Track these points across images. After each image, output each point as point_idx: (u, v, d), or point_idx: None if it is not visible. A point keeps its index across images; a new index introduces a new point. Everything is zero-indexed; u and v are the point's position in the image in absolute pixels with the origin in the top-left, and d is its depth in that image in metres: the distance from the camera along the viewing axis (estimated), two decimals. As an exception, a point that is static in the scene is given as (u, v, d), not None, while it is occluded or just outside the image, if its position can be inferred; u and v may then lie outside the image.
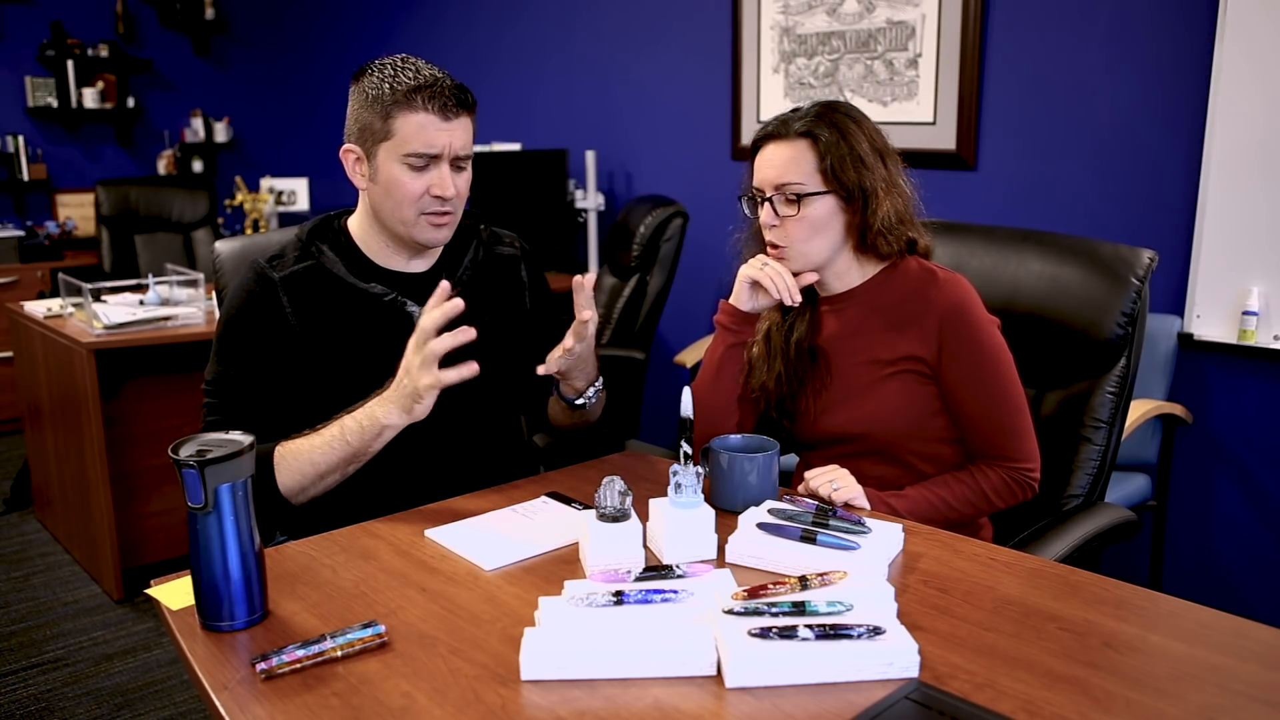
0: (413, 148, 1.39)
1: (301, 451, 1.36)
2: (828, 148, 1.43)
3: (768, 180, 1.47)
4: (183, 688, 2.44)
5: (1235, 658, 0.97)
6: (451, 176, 1.43)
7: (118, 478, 2.89)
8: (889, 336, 1.48)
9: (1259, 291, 2.44)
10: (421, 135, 1.39)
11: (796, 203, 1.45)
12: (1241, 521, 2.59)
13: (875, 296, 1.51)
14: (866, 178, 1.44)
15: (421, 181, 1.41)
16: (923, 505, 1.43)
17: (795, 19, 3.35)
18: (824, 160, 1.44)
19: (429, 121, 1.39)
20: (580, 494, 1.43)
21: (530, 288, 1.64)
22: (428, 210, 1.43)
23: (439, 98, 1.39)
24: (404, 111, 1.39)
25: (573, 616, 1.02)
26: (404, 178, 1.41)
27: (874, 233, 1.46)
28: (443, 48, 4.85)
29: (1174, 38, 2.53)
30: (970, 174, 2.97)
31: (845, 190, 1.45)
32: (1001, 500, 1.47)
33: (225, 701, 0.93)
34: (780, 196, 1.46)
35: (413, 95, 1.38)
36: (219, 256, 1.73)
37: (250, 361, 1.45)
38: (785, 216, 1.46)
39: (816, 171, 1.44)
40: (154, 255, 4.51)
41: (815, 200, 1.45)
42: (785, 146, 1.46)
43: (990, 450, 1.46)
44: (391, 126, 1.39)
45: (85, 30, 5.17)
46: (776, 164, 1.46)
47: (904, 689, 0.91)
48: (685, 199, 3.48)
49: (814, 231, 1.46)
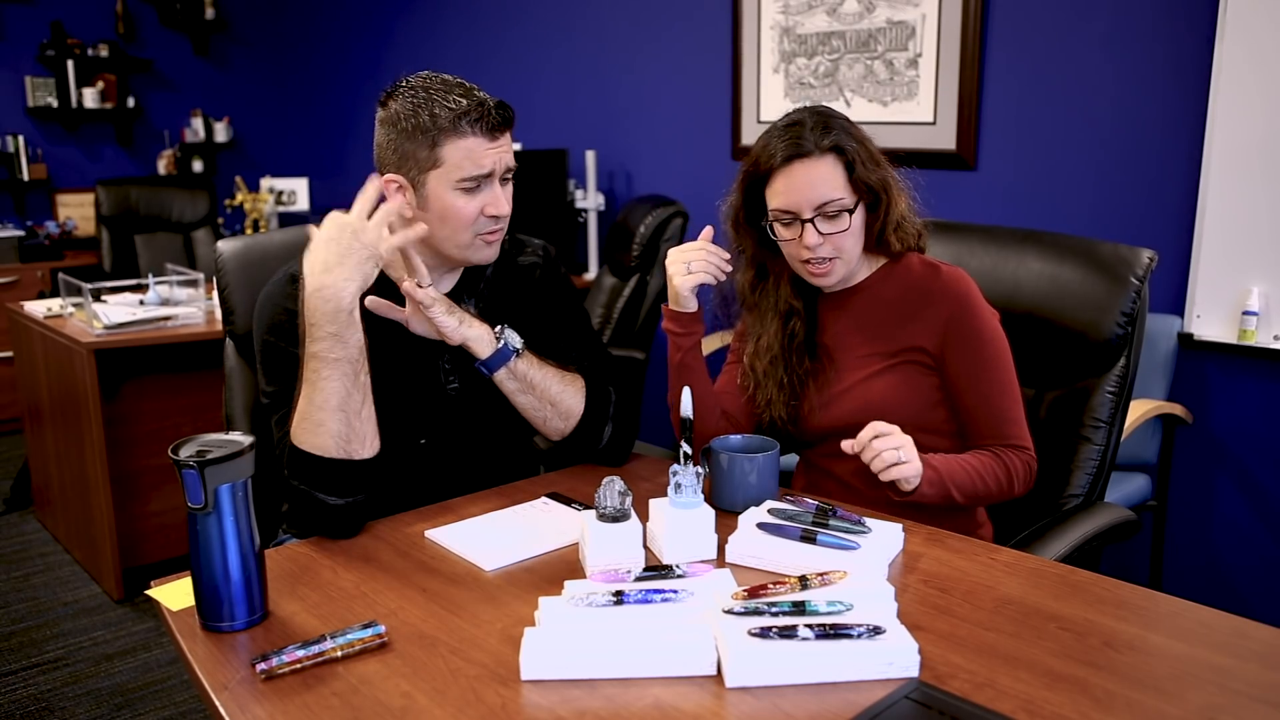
0: (466, 172, 1.37)
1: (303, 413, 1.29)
2: (854, 156, 1.43)
3: (806, 201, 1.43)
4: (183, 688, 2.44)
5: (1235, 658, 0.97)
6: (502, 193, 1.41)
7: (118, 478, 2.89)
8: (891, 330, 1.49)
9: (1259, 291, 2.44)
10: (472, 159, 1.37)
11: (841, 217, 1.44)
12: (1241, 521, 2.59)
13: (878, 291, 1.52)
14: (885, 178, 1.46)
15: (476, 203, 1.39)
16: (955, 466, 1.41)
17: (795, 19, 3.35)
18: (852, 170, 1.43)
19: (477, 145, 1.37)
20: (580, 494, 1.43)
21: (550, 296, 1.59)
22: (483, 231, 1.41)
23: (485, 120, 1.37)
24: (451, 139, 1.36)
25: (573, 616, 1.02)
26: (459, 202, 1.38)
27: (889, 230, 1.48)
28: (442, 47, 4.85)
29: (1174, 38, 2.53)
30: (970, 174, 2.97)
31: (872, 194, 1.45)
32: (1019, 483, 1.46)
33: (225, 702, 0.93)
34: (821, 215, 1.43)
35: (459, 122, 1.36)
36: (221, 256, 1.72)
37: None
38: (832, 234, 1.44)
39: (848, 183, 1.44)
40: (154, 255, 4.51)
41: (855, 211, 1.45)
42: (816, 165, 1.43)
43: (997, 437, 1.47)
44: (440, 155, 1.37)
45: (85, 30, 5.17)
46: (815, 183, 1.42)
47: (904, 689, 0.91)
48: (685, 199, 3.48)
49: (858, 239, 1.48)
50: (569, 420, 1.50)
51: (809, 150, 1.42)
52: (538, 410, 1.48)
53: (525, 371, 1.45)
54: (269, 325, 1.42)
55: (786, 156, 1.44)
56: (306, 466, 1.28)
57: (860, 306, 1.53)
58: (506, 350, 1.43)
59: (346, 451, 1.28)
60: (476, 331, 1.42)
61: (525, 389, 1.46)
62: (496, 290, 1.55)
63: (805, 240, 1.44)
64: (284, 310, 1.41)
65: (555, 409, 1.48)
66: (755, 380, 1.56)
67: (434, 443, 1.48)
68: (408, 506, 1.40)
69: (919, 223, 1.53)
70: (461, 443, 1.51)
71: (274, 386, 1.40)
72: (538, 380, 1.46)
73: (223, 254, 1.73)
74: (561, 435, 1.52)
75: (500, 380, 1.45)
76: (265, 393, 1.42)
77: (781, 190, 1.45)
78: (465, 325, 1.41)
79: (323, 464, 1.27)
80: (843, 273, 1.49)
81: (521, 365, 1.44)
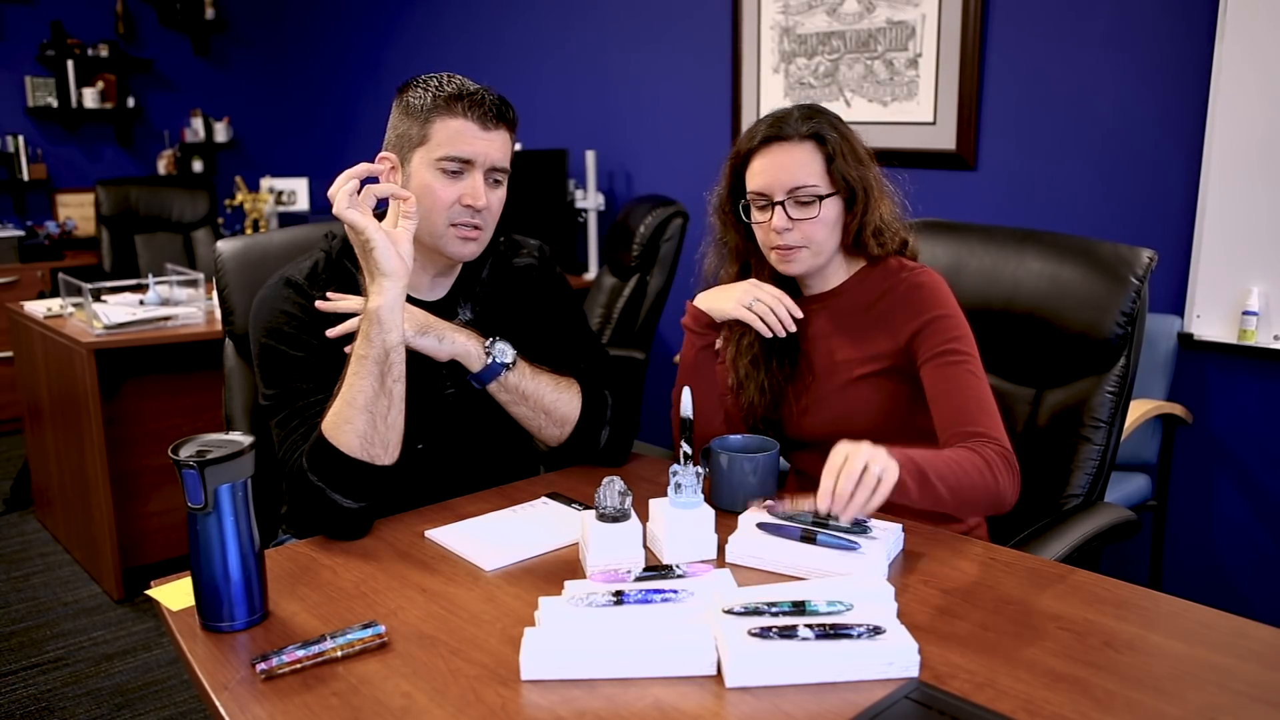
0: (446, 151, 1.36)
1: (339, 406, 1.28)
2: (834, 148, 1.43)
3: (779, 184, 1.43)
4: (183, 688, 2.44)
5: (1235, 657, 0.97)
6: (485, 190, 1.39)
7: (118, 478, 2.89)
8: (867, 334, 1.48)
9: (1259, 291, 2.44)
10: (457, 140, 1.36)
11: (813, 204, 1.43)
12: (1241, 521, 2.59)
13: (855, 295, 1.51)
14: (866, 177, 1.45)
15: (454, 189, 1.38)
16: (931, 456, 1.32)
17: (795, 19, 3.35)
18: (831, 161, 1.43)
19: (466, 128, 1.37)
20: (580, 494, 1.43)
21: (547, 297, 1.59)
22: (458, 221, 1.39)
23: (479, 107, 1.37)
24: (442, 117, 1.36)
25: (573, 616, 1.02)
26: (436, 184, 1.37)
27: (867, 233, 1.46)
28: (442, 47, 4.85)
29: (1174, 38, 2.53)
30: (970, 174, 2.97)
31: (849, 190, 1.44)
32: (1001, 475, 1.34)
33: (225, 702, 0.93)
34: (793, 200, 1.43)
35: (453, 102, 1.36)
36: (221, 256, 1.72)
37: (302, 373, 1.39)
38: (801, 219, 1.43)
39: (825, 173, 1.43)
40: (154, 255, 4.51)
41: (829, 201, 1.44)
42: (793, 149, 1.43)
43: (965, 430, 1.37)
44: (428, 131, 1.37)
45: (85, 30, 5.17)
46: (789, 166, 1.43)
47: (904, 689, 0.91)
48: (685, 199, 3.47)
49: (829, 233, 1.46)
50: (564, 427, 1.50)
51: (788, 135, 1.43)
52: (532, 419, 1.48)
53: (517, 384, 1.44)
54: (266, 329, 1.41)
55: (765, 138, 1.45)
56: (328, 462, 1.27)
57: (837, 311, 1.52)
58: (495, 366, 1.42)
59: (369, 454, 1.27)
60: (464, 347, 1.41)
61: (518, 400, 1.46)
62: (493, 292, 1.54)
63: (774, 223, 1.44)
64: (281, 313, 1.41)
65: (550, 417, 1.48)
66: (738, 381, 1.56)
67: (432, 447, 1.48)
68: (408, 507, 1.40)
69: (904, 230, 1.51)
70: (460, 445, 1.51)
71: (273, 390, 1.40)
72: (531, 391, 1.46)
73: (222, 254, 1.73)
74: (558, 441, 1.52)
75: (493, 392, 1.45)
76: (264, 395, 1.42)
77: (757, 171, 1.46)
78: (449, 342, 1.40)
79: (344, 462, 1.26)
80: (810, 262, 1.47)
81: (513, 378, 1.44)
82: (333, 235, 1.49)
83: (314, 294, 1.41)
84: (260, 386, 1.43)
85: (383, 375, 1.27)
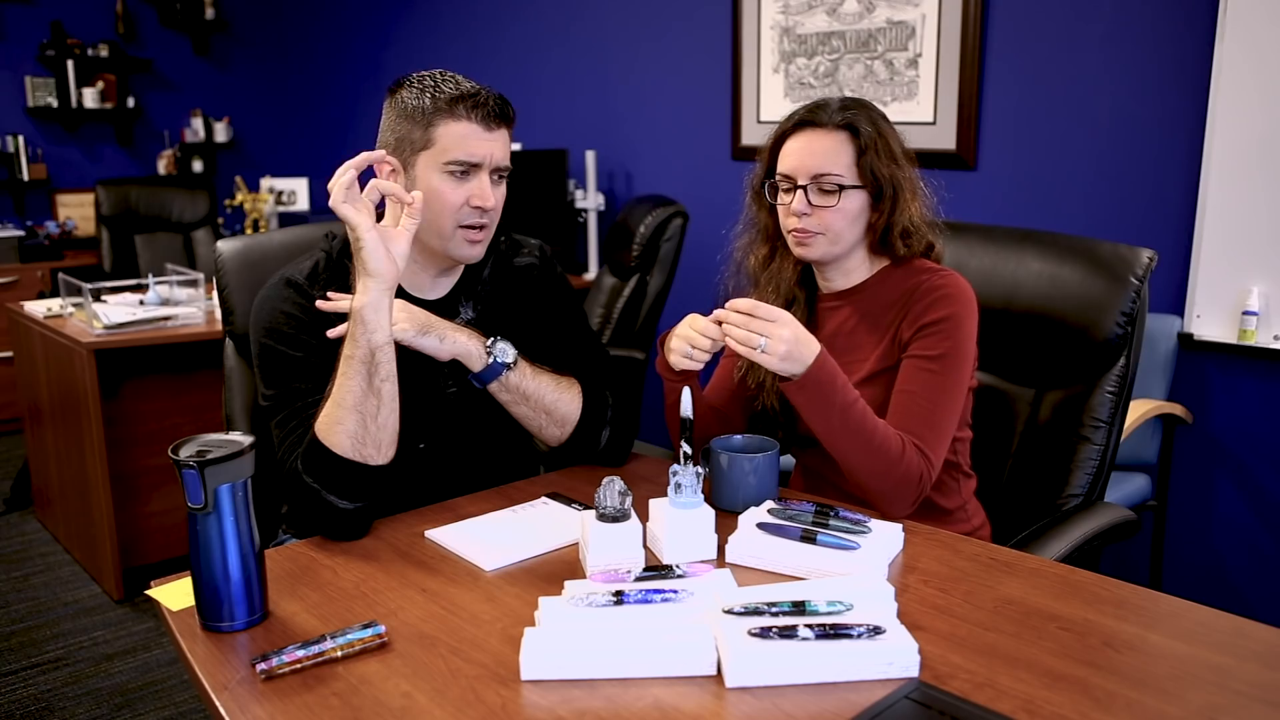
0: (454, 156, 1.36)
1: (329, 406, 1.28)
2: (868, 141, 1.43)
3: (805, 168, 1.44)
4: (183, 688, 2.44)
5: (1235, 657, 0.97)
6: (490, 188, 1.40)
7: (118, 478, 2.89)
8: (883, 333, 1.48)
9: (1259, 291, 2.44)
10: (464, 144, 1.36)
11: (835, 194, 1.43)
12: (1241, 521, 2.59)
13: (875, 294, 1.51)
14: (898, 176, 1.44)
15: (462, 192, 1.38)
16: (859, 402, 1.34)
17: (795, 19, 3.35)
18: (863, 154, 1.43)
19: (471, 131, 1.37)
20: (580, 494, 1.43)
21: (547, 296, 1.59)
22: (465, 223, 1.40)
23: (482, 108, 1.37)
24: (446, 120, 1.36)
25: (573, 616, 1.02)
26: (444, 187, 1.37)
27: (894, 233, 1.46)
28: (442, 47, 4.85)
29: (1174, 38, 2.53)
30: (970, 174, 2.97)
31: (878, 187, 1.44)
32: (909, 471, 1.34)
33: (225, 702, 0.93)
34: (815, 186, 1.44)
35: (455, 104, 1.36)
36: (221, 256, 1.72)
37: (301, 373, 1.38)
38: (821, 207, 1.44)
39: (854, 165, 1.43)
40: (154, 255, 4.51)
41: (852, 194, 1.44)
42: (824, 136, 1.44)
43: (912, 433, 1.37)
44: (432, 135, 1.37)
45: (85, 30, 5.17)
46: (817, 152, 1.43)
47: (904, 689, 0.91)
48: (685, 199, 3.48)
49: (848, 224, 1.45)
50: (565, 427, 1.50)
51: (822, 122, 1.45)
52: (533, 419, 1.48)
53: (518, 383, 1.44)
54: (265, 329, 1.41)
55: (800, 122, 1.47)
56: (321, 463, 1.26)
57: (854, 309, 1.52)
58: (497, 365, 1.42)
59: (361, 455, 1.27)
60: (465, 346, 1.41)
61: (519, 400, 1.46)
62: (494, 292, 1.54)
63: (793, 206, 1.45)
64: (280, 314, 1.41)
65: (550, 417, 1.48)
66: (747, 363, 1.53)
67: (433, 446, 1.48)
68: (408, 507, 1.40)
69: (933, 234, 1.50)
70: (461, 445, 1.51)
71: (272, 390, 1.40)
72: (531, 391, 1.46)
73: (222, 254, 1.73)
74: (558, 441, 1.52)
75: (494, 391, 1.45)
76: (264, 395, 1.41)
77: (787, 154, 1.47)
78: (450, 341, 1.40)
79: (337, 463, 1.26)
80: (825, 249, 1.47)
81: (514, 378, 1.44)
82: (333, 235, 1.49)
83: (314, 294, 1.41)
84: (260, 387, 1.43)
85: (370, 375, 1.26)
